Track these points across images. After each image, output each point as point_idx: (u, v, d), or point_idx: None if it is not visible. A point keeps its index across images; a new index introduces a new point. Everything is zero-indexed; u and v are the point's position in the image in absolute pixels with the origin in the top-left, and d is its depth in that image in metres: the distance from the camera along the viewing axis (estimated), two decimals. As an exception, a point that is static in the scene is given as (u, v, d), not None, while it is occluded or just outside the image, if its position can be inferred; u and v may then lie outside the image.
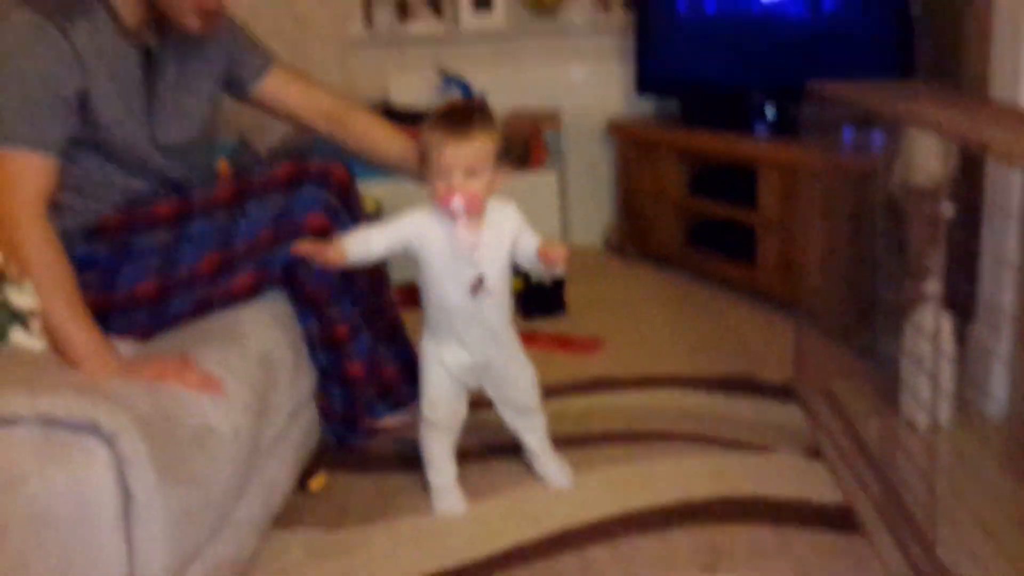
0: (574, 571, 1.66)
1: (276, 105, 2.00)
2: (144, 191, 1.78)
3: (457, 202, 1.65)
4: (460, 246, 1.69)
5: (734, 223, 3.07)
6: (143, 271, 1.74)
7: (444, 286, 1.75)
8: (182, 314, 1.77)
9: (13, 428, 1.28)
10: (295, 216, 1.79)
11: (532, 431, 1.93)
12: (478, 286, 1.73)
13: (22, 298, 1.46)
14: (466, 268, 1.72)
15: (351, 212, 1.86)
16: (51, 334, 1.49)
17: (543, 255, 1.70)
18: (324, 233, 1.79)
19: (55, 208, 1.62)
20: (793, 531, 1.75)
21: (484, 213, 1.71)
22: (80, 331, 1.50)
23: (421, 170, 1.75)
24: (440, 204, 1.68)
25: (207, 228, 1.77)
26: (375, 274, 1.99)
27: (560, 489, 1.91)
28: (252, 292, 1.83)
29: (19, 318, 1.48)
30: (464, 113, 1.70)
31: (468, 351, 1.81)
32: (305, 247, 1.71)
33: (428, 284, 1.78)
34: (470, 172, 1.66)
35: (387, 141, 2.01)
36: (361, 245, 1.74)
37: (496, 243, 1.73)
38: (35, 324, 1.50)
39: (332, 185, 1.83)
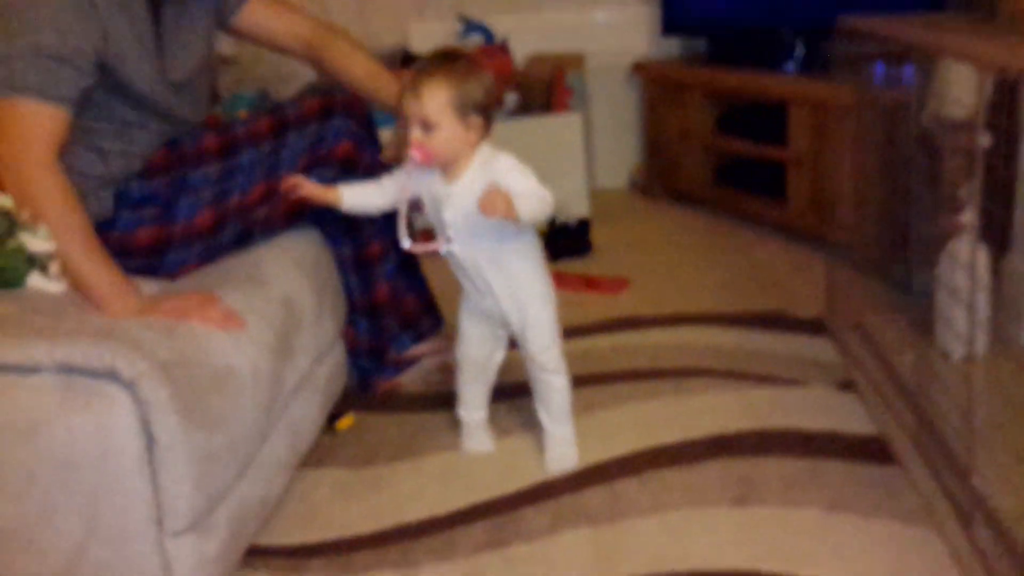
0: (602, 504, 1.65)
1: (257, 32, 1.98)
2: (174, 133, 1.81)
3: (414, 154, 1.61)
4: (424, 191, 1.69)
5: (763, 161, 3.02)
6: (199, 202, 1.78)
7: (437, 229, 1.73)
8: (230, 244, 1.82)
9: (34, 376, 1.28)
10: (328, 144, 1.87)
11: (543, 397, 1.79)
12: (437, 240, 1.69)
13: (37, 242, 1.45)
14: (437, 216, 1.69)
15: (372, 140, 1.95)
16: (71, 278, 1.49)
17: (479, 199, 1.55)
18: (353, 159, 1.88)
19: (101, 156, 1.67)
20: (825, 463, 1.72)
21: (458, 163, 1.64)
22: (99, 272, 1.49)
23: (396, 105, 1.72)
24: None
25: (254, 158, 1.83)
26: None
27: (588, 426, 1.89)
28: (293, 219, 1.89)
29: (35, 262, 1.47)
30: (428, 64, 1.62)
31: (474, 299, 1.78)
32: (307, 188, 1.73)
33: (411, 229, 1.74)
34: (425, 125, 1.59)
35: (364, 73, 1.96)
36: (358, 196, 1.76)
37: (467, 194, 1.63)
38: (53, 267, 1.49)
39: (356, 116, 1.91)
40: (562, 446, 1.80)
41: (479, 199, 1.54)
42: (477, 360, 1.83)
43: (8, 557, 1.31)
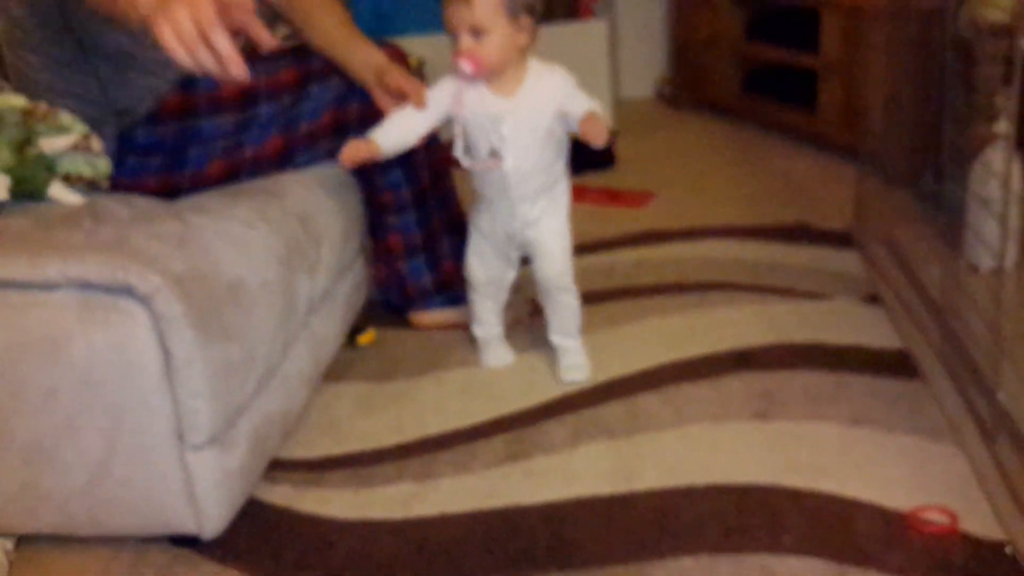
0: (622, 418, 1.65)
1: None
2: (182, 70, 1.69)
3: (463, 65, 1.55)
4: (471, 107, 1.61)
5: (793, 68, 2.95)
6: (209, 153, 1.70)
7: (472, 150, 1.67)
8: None
9: (52, 292, 1.27)
10: (355, 99, 1.78)
11: (558, 315, 1.80)
12: (493, 159, 1.64)
13: (57, 141, 1.43)
14: (489, 134, 1.63)
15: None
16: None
17: (581, 128, 1.56)
18: (379, 117, 1.73)
19: (97, 82, 1.59)
20: (849, 376, 1.71)
21: (507, 74, 1.59)
22: None
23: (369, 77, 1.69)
24: (456, 68, 1.59)
25: (272, 111, 1.74)
26: (437, 166, 1.94)
27: (609, 341, 1.89)
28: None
29: (55, 169, 1.46)
30: None
31: (499, 220, 1.73)
32: (345, 152, 1.65)
33: (464, 146, 1.69)
34: (475, 32, 1.54)
35: (336, 32, 1.79)
36: (392, 133, 1.68)
37: (529, 111, 1.60)
38: (74, 173, 1.47)
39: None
40: (575, 356, 1.81)
41: (582, 127, 1.54)
42: (491, 279, 1.81)
43: (33, 473, 1.33)
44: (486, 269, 1.80)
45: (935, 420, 1.57)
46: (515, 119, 1.60)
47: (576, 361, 1.81)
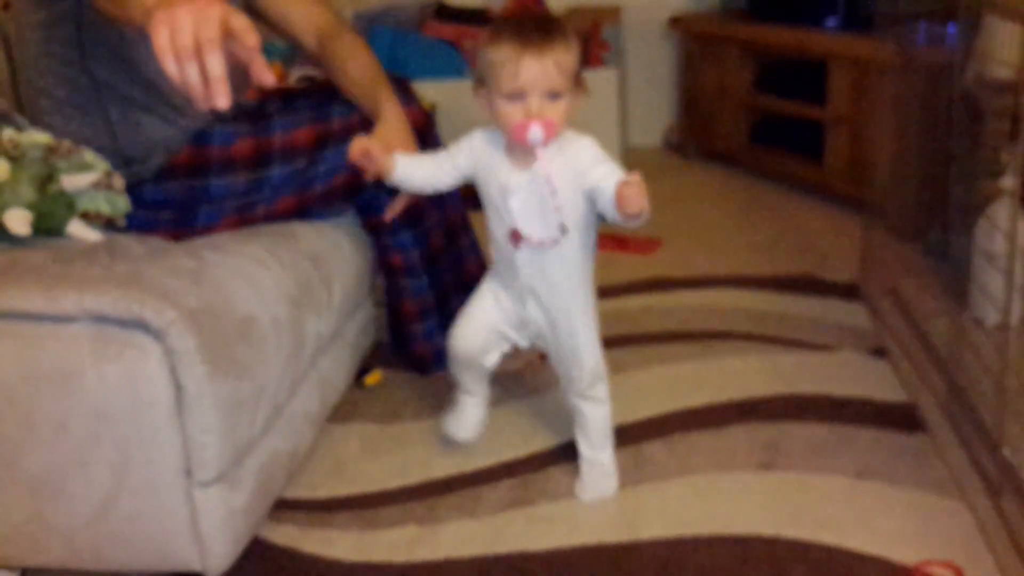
0: (628, 466, 1.65)
1: (273, 15, 1.80)
2: (195, 122, 1.68)
3: (536, 132, 1.34)
4: (539, 183, 1.39)
5: (801, 120, 2.97)
6: (220, 212, 1.69)
7: (493, 224, 1.51)
8: None
9: (67, 325, 1.29)
10: None
11: (581, 423, 1.60)
12: (518, 237, 1.46)
13: (78, 178, 1.45)
14: (500, 209, 1.46)
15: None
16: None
17: (620, 192, 1.31)
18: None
19: (107, 125, 1.58)
20: (854, 429, 1.71)
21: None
22: None
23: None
24: (513, 135, 1.38)
25: (285, 172, 1.71)
26: (452, 224, 1.92)
27: (615, 387, 1.87)
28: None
29: (75, 207, 1.48)
30: (542, 20, 1.39)
31: (512, 299, 1.55)
32: (358, 148, 1.54)
33: (486, 214, 1.52)
34: (552, 94, 1.35)
35: (360, 74, 1.75)
36: (412, 166, 1.56)
37: (567, 177, 1.41)
38: (92, 211, 1.49)
39: (419, 133, 1.74)
40: (600, 474, 1.60)
41: (621, 191, 1.31)
42: (463, 353, 1.62)
43: (40, 504, 1.33)
44: (469, 338, 1.60)
45: (940, 474, 1.57)
46: (528, 190, 1.42)
47: (601, 481, 1.60)
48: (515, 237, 1.46)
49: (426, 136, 1.79)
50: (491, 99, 1.39)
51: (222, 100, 1.10)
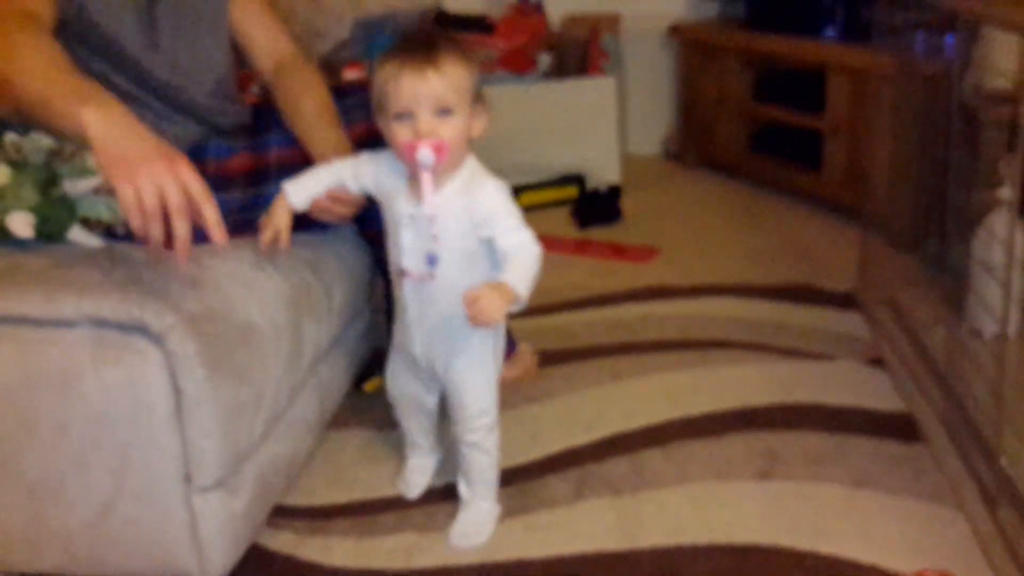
0: (626, 474, 1.65)
1: (238, 32, 1.75)
2: (190, 133, 1.66)
3: (425, 153, 1.28)
4: (421, 208, 1.33)
5: (799, 129, 2.98)
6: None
7: (395, 250, 1.43)
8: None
9: (67, 330, 1.29)
10: None
11: (464, 467, 1.53)
12: (402, 270, 1.40)
13: (80, 183, 1.45)
14: (421, 237, 1.37)
15: None
16: (39, 103, 1.31)
17: (466, 298, 1.26)
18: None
19: None
20: (851, 438, 1.71)
21: (452, 171, 1.35)
22: (71, 81, 1.30)
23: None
24: (403, 157, 1.33)
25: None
26: None
27: (613, 396, 1.89)
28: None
29: (76, 213, 1.48)
30: (428, 38, 1.33)
31: (409, 339, 1.46)
32: (270, 230, 1.47)
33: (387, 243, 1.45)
34: (442, 110, 1.29)
35: (313, 108, 1.68)
36: (300, 190, 1.47)
37: (462, 217, 1.34)
38: (93, 217, 1.49)
39: None
40: (476, 519, 1.53)
41: (465, 294, 1.26)
42: (402, 401, 1.61)
43: (39, 508, 1.33)
44: (400, 385, 1.57)
45: (937, 484, 1.58)
46: (446, 221, 1.34)
47: (475, 525, 1.52)
48: (400, 272, 1.41)
49: None
50: (386, 124, 1.34)
51: (182, 259, 1.21)
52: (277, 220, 1.46)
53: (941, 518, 1.50)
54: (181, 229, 1.21)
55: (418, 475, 1.66)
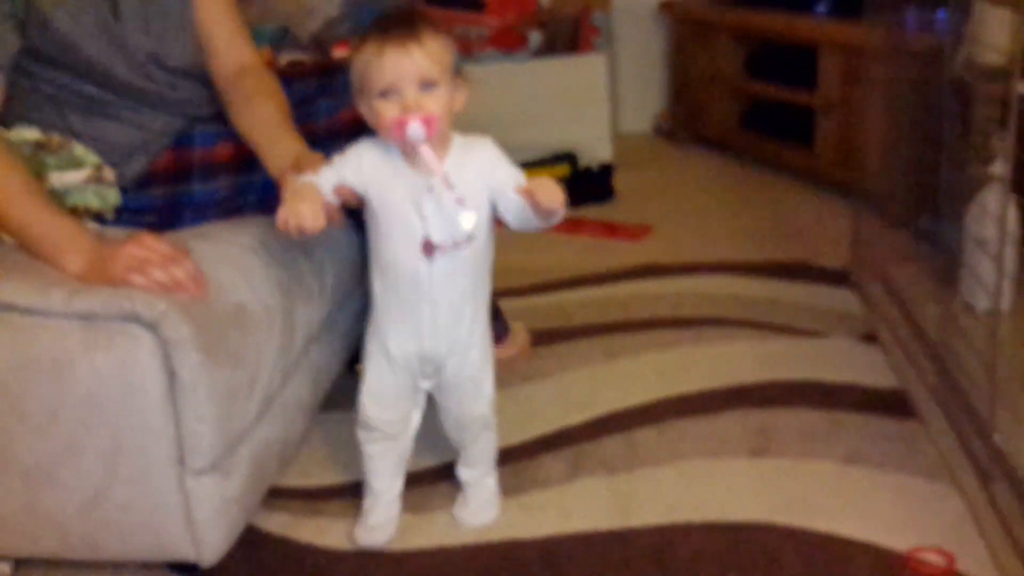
0: (620, 453, 1.65)
1: (201, 33, 1.68)
2: (170, 125, 1.64)
3: (415, 127, 1.27)
4: (431, 180, 1.32)
5: (791, 106, 2.98)
6: (204, 218, 1.64)
7: (395, 243, 1.37)
8: None
9: (57, 317, 1.28)
10: None
11: (476, 450, 1.54)
12: (430, 247, 1.35)
13: (68, 176, 1.44)
14: (443, 205, 1.33)
15: None
16: (13, 234, 1.38)
17: (527, 193, 1.28)
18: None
19: (89, 142, 1.53)
20: (844, 415, 1.72)
21: (443, 147, 1.35)
22: (43, 220, 1.36)
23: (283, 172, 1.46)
24: (392, 136, 1.30)
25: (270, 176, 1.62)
26: None
27: (607, 374, 1.89)
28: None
29: (64, 205, 1.47)
30: (403, 15, 1.32)
31: (416, 336, 1.41)
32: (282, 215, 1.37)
33: (377, 242, 1.40)
34: (426, 85, 1.28)
35: (265, 120, 1.61)
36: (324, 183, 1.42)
37: (471, 177, 1.34)
38: (81, 206, 1.48)
39: None
40: (485, 496, 1.56)
41: (530, 187, 1.28)
42: (392, 423, 1.49)
43: (32, 493, 1.33)
44: (391, 404, 1.48)
45: (931, 460, 1.58)
46: (438, 194, 1.32)
47: (488, 502, 1.55)
48: (427, 247, 1.35)
49: None
50: (369, 105, 1.32)
51: (200, 294, 1.35)
52: (313, 202, 1.36)
53: (935, 494, 1.50)
54: (177, 277, 1.33)
55: (384, 515, 1.52)
